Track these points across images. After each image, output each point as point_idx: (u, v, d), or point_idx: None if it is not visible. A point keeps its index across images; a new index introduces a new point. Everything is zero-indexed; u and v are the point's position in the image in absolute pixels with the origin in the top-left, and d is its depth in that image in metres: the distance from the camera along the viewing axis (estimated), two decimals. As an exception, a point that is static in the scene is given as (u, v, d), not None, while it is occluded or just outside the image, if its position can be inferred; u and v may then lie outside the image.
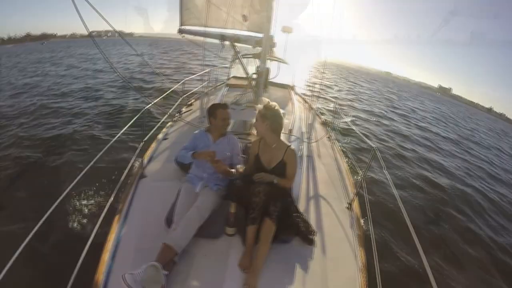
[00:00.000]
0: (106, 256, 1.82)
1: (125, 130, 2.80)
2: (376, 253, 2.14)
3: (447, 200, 6.30)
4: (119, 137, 2.64)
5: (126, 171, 2.70)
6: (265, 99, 2.32)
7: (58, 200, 1.43)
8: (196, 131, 2.67)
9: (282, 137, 2.40)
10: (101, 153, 2.03)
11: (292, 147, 2.33)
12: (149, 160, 3.10)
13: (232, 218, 2.06)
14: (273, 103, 2.33)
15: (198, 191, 2.30)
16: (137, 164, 2.88)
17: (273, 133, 2.30)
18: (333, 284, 1.86)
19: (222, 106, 2.57)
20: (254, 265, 1.82)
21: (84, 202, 3.77)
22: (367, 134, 9.78)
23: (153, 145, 3.47)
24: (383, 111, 16.15)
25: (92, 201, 3.77)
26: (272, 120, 2.26)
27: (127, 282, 1.51)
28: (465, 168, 9.16)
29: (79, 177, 1.71)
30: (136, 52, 3.27)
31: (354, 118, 12.10)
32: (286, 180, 2.32)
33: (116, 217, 2.15)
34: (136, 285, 1.53)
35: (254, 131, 3.01)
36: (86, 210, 3.59)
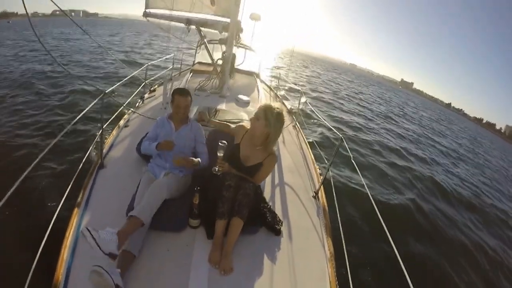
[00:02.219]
0: (65, 252, 1.68)
1: (83, 117, 2.56)
2: (344, 242, 2.15)
3: (413, 185, 6.78)
4: (75, 124, 2.40)
5: (84, 160, 2.52)
6: (276, 104, 2.22)
7: (7, 195, 1.29)
8: (158, 118, 2.54)
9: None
10: (54, 141, 1.79)
11: (276, 154, 2.24)
12: (109, 149, 2.90)
13: (196, 209, 1.97)
14: (281, 110, 2.19)
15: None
16: (95, 153, 2.70)
17: (267, 140, 2.18)
18: (302, 274, 1.85)
19: (180, 92, 2.40)
20: (224, 251, 1.80)
21: (39, 194, 3.52)
22: (335, 122, 10.15)
23: (114, 132, 3.26)
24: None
25: (48, 194, 3.50)
26: (275, 130, 2.14)
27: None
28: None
29: (29, 169, 1.53)
30: (86, 32, 3.01)
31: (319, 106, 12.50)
32: (253, 180, 2.21)
33: (75, 210, 2.00)
34: None
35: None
36: (42, 203, 3.35)
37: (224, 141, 2.18)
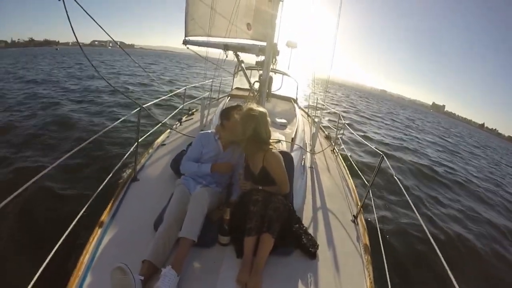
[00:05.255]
0: (85, 258, 1.70)
1: (121, 131, 2.62)
2: (387, 269, 2.00)
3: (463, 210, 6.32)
4: (112, 138, 2.46)
5: (115, 169, 2.60)
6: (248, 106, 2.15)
7: (19, 191, 1.32)
8: (200, 133, 2.43)
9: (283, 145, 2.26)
10: (83, 144, 1.88)
11: (273, 150, 2.14)
12: (144, 164, 3.02)
13: (226, 226, 1.91)
14: (256, 108, 2.13)
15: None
16: (130, 166, 2.77)
17: (252, 141, 2.10)
18: None
19: (237, 108, 2.33)
20: (253, 270, 1.69)
21: (64, 199, 3.76)
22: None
23: (150, 150, 3.41)
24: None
25: (73, 199, 3.73)
26: (240, 127, 2.10)
27: None
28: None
29: (55, 164, 1.60)
30: (136, 62, 3.22)
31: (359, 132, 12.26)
32: (276, 187, 2.13)
33: (102, 219, 2.04)
34: None
35: None
36: (66, 207, 3.54)
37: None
